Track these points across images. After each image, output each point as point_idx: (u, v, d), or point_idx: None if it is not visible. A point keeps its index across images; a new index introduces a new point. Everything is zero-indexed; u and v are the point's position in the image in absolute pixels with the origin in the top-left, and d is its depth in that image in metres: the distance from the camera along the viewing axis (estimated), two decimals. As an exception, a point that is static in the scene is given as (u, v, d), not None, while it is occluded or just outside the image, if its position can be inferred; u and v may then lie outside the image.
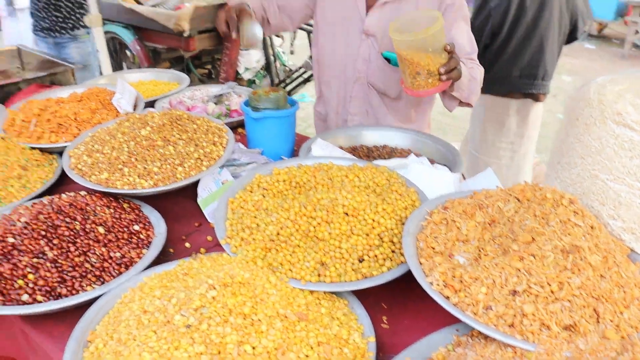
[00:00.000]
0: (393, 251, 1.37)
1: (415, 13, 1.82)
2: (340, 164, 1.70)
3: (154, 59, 5.23)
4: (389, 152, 2.16)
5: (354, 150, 2.18)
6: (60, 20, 3.97)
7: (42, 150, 1.96)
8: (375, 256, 1.35)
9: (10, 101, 2.64)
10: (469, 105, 2.07)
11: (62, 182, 1.88)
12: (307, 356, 1.07)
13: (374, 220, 1.40)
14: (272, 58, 5.32)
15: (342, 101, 2.36)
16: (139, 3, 4.83)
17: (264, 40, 5.17)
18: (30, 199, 1.73)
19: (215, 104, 2.51)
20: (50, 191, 1.81)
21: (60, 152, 1.98)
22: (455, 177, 1.75)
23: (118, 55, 5.53)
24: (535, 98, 3.04)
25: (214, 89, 2.69)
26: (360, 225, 1.39)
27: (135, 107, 2.18)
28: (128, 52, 5.34)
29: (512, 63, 2.96)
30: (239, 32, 1.97)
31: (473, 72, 1.96)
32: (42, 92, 2.36)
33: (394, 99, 2.28)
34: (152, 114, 1.83)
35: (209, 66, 5.80)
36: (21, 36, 5.27)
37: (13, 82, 2.88)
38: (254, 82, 5.46)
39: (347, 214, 1.40)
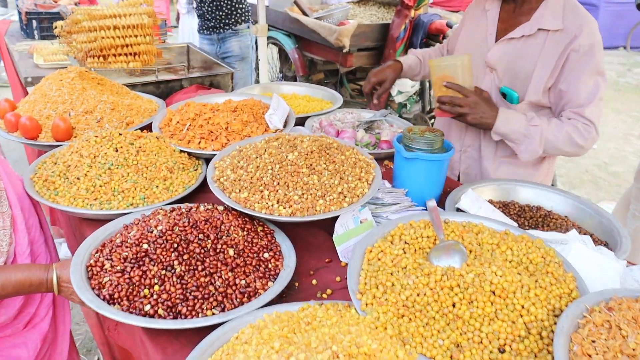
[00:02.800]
0: (540, 349, 1.18)
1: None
2: (492, 227, 1.53)
3: (309, 68, 5.34)
4: (543, 216, 1.94)
5: (504, 207, 1.99)
6: (224, 17, 4.25)
7: (189, 154, 2.00)
8: (519, 349, 1.17)
9: (172, 98, 2.78)
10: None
11: (203, 189, 1.91)
12: None
13: (523, 307, 1.22)
14: (427, 84, 5.19)
15: (458, 132, 2.35)
16: (304, 13, 4.95)
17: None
18: (170, 203, 1.76)
19: (366, 130, 2.43)
20: (190, 197, 1.84)
21: (205, 158, 2.02)
22: (622, 266, 1.50)
23: (273, 60, 5.74)
24: None
25: (366, 114, 2.63)
26: (507, 310, 1.21)
27: (285, 123, 2.17)
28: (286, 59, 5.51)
29: None
30: (378, 100, 2.42)
31: (537, 130, 1.98)
32: (200, 95, 2.45)
33: None
34: (302, 138, 1.79)
35: (362, 82, 5.80)
36: (194, 32, 5.68)
37: (177, 79, 3.04)
38: (405, 106, 5.36)
39: (494, 292, 1.23)
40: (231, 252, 1.44)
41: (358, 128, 2.44)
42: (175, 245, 1.41)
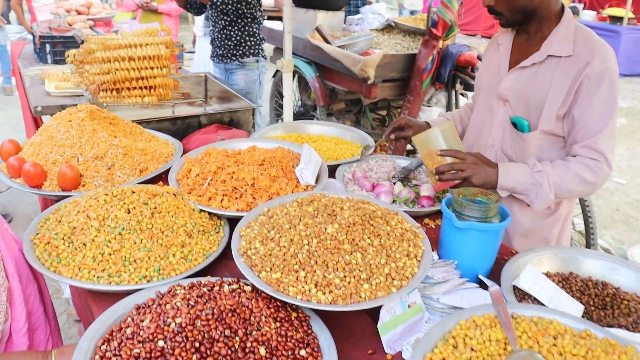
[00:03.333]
0: None
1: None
2: (569, 324, 1.29)
3: (330, 98, 5.14)
4: (612, 296, 1.69)
5: (565, 281, 1.75)
6: (232, 47, 4.14)
7: (210, 214, 1.79)
8: None
9: (190, 138, 2.57)
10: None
11: (225, 255, 1.69)
12: None
13: None
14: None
15: None
16: (326, 41, 4.76)
17: (449, 99, 4.84)
18: (189, 276, 1.54)
19: (402, 182, 2.21)
20: (211, 264, 1.63)
21: (228, 218, 1.80)
22: None
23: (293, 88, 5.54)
24: None
25: (400, 162, 2.41)
26: None
27: (317, 177, 1.95)
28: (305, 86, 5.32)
29: None
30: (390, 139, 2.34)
31: (543, 176, 1.90)
32: (221, 139, 2.24)
33: None
34: (342, 204, 1.57)
35: (384, 112, 5.60)
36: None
37: (195, 115, 2.84)
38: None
39: None
40: (263, 351, 1.21)
41: (394, 179, 2.22)
42: (197, 345, 1.18)
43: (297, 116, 5.67)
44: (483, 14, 13.18)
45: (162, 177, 2.11)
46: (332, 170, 2.26)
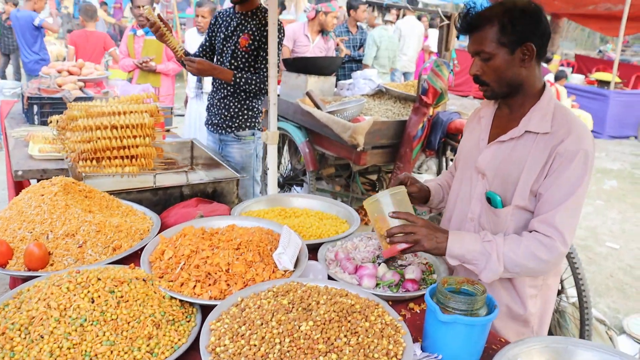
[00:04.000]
0: None
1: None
2: None
3: (320, 163, 5.11)
4: (610, 392, 1.60)
5: (559, 376, 1.66)
6: (228, 119, 3.98)
7: (181, 301, 1.70)
8: None
9: (170, 211, 2.50)
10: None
11: (195, 347, 1.58)
12: None
13: None
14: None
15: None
16: (317, 106, 4.77)
17: (439, 165, 4.83)
18: (153, 374, 1.44)
19: (386, 262, 2.13)
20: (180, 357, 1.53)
21: (201, 306, 1.71)
22: None
23: (281, 152, 5.53)
24: None
25: (386, 240, 2.34)
26: None
27: (297, 261, 1.88)
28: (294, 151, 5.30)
29: None
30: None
31: (492, 245, 1.88)
32: (199, 216, 2.17)
33: None
34: (319, 296, 1.49)
35: (374, 177, 5.57)
36: (202, 119, 5.51)
37: (177, 185, 2.78)
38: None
39: None
40: None
41: (379, 260, 2.15)
42: None
43: (287, 180, 5.64)
44: (475, 75, 13.41)
45: (138, 254, 2.03)
46: (315, 248, 2.19)
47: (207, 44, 4.09)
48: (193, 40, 6.28)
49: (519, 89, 1.98)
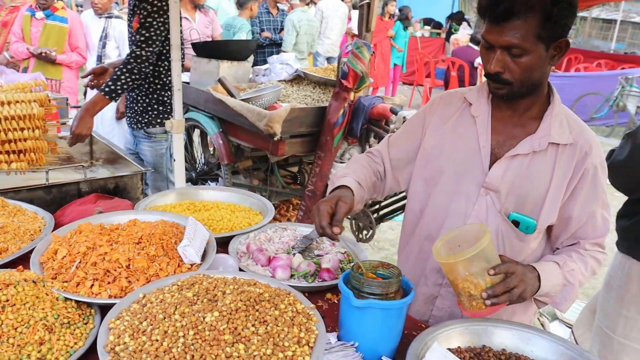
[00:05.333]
0: None
1: (463, 228, 1.78)
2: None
3: (235, 155, 5.12)
4: (527, 367, 1.74)
5: (477, 357, 1.77)
6: (138, 114, 3.90)
7: (78, 302, 1.69)
8: None
9: (65, 210, 2.46)
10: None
11: (93, 350, 1.58)
12: None
13: None
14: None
15: (431, 262, 2.06)
16: (230, 93, 4.78)
17: (362, 152, 4.95)
18: (46, 381, 1.44)
19: (303, 254, 2.20)
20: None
21: (100, 307, 1.71)
22: None
23: (193, 144, 5.49)
24: None
25: (303, 229, 2.41)
26: None
27: (205, 253, 1.91)
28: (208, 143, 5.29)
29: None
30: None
31: (573, 274, 1.85)
32: (98, 212, 2.16)
33: None
34: (225, 287, 1.53)
35: (295, 169, 5.64)
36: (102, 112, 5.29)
37: (74, 182, 2.74)
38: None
39: None
40: None
41: (294, 251, 2.21)
42: None
43: (201, 175, 5.61)
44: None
45: (28, 257, 1.99)
46: (227, 242, 2.23)
47: None
48: (90, 22, 6.05)
49: (534, 90, 1.84)
